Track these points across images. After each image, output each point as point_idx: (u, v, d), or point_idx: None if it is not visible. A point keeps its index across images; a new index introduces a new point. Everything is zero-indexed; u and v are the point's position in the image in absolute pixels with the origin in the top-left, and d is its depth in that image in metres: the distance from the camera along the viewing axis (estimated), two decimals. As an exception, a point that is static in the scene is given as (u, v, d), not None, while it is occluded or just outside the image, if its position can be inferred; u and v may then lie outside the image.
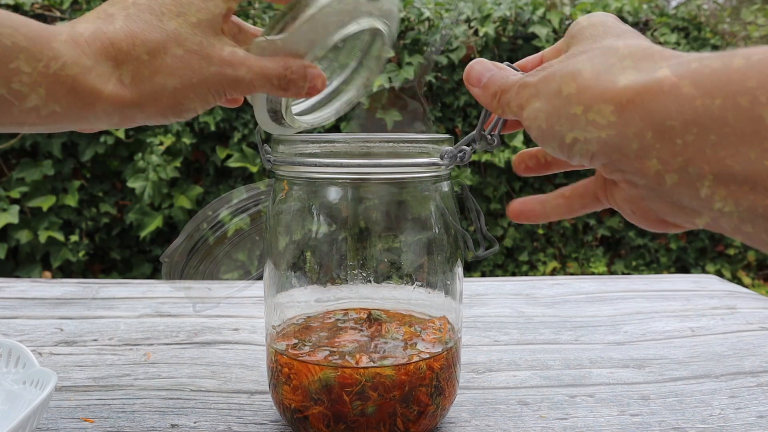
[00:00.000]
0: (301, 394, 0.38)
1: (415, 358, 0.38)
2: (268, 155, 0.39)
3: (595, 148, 0.25)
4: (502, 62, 0.33)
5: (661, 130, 0.23)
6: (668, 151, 0.23)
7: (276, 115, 0.36)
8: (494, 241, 0.37)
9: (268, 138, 0.40)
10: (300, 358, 0.39)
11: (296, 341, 0.41)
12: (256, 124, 2.43)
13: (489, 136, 0.35)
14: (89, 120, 0.30)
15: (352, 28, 0.34)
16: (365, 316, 0.43)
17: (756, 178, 0.21)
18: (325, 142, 0.37)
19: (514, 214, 0.33)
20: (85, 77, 0.28)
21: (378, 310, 0.44)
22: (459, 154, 0.36)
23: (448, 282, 0.41)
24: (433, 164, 0.37)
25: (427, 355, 0.39)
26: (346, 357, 0.38)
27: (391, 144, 0.37)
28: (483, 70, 0.32)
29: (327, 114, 0.40)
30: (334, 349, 0.39)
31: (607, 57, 0.26)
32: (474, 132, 0.35)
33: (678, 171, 0.23)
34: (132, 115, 0.30)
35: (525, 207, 0.33)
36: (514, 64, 0.34)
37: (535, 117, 0.28)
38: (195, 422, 0.43)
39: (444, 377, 0.40)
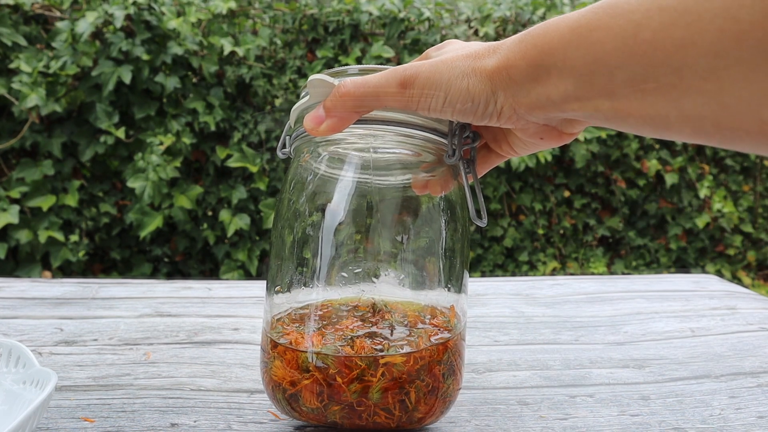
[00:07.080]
0: (294, 368, 0.38)
1: (422, 345, 0.38)
2: (285, 149, 0.40)
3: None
4: None
5: None
6: None
7: None
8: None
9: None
10: (297, 348, 0.38)
11: (297, 326, 0.40)
12: (255, 124, 2.39)
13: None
14: None
15: None
16: (369, 306, 0.43)
17: None
18: (331, 141, 0.37)
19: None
20: None
21: (383, 301, 0.44)
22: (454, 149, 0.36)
23: (454, 277, 0.41)
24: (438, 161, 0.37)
25: (435, 341, 0.38)
26: (348, 341, 0.38)
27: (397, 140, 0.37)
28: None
29: None
30: (337, 332, 0.39)
31: None
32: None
33: None
34: None
35: None
36: None
37: None
38: (195, 421, 0.43)
39: (446, 367, 0.39)
